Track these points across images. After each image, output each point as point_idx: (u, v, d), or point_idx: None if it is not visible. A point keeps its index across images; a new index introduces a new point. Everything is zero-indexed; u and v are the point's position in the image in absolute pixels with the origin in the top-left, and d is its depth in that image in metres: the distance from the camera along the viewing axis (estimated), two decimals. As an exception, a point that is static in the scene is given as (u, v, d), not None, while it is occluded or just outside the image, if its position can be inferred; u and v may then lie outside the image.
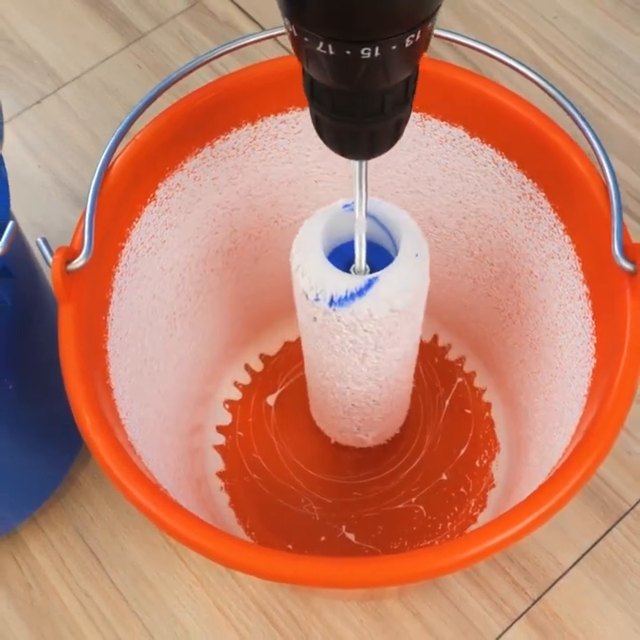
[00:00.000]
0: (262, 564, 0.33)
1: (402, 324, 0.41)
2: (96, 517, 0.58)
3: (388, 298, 0.38)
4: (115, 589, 0.56)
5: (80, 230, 0.37)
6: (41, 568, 0.57)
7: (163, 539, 0.57)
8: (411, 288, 0.39)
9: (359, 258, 0.39)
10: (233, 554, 0.33)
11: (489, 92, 0.43)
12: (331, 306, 0.39)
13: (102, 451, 0.35)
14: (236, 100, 0.43)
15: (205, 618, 0.55)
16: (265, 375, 0.60)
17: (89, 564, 0.57)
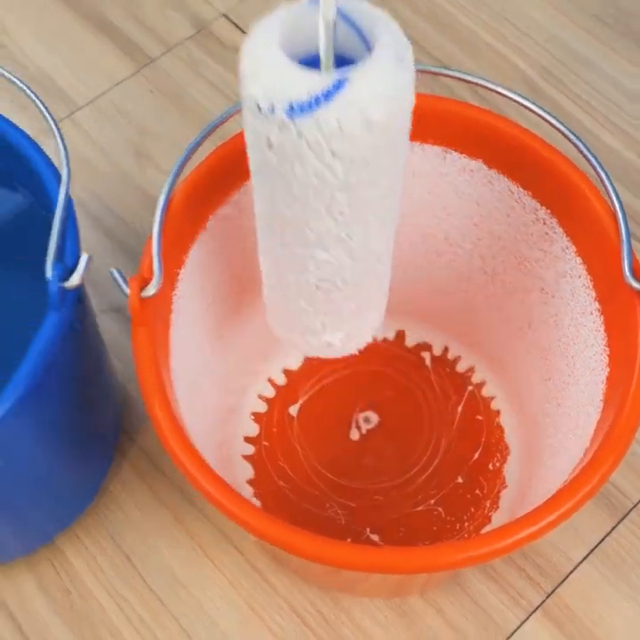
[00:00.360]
0: (327, 550, 0.37)
1: (381, 152, 0.33)
2: (128, 523, 0.62)
3: (362, 105, 0.31)
4: (150, 591, 0.60)
5: (148, 260, 0.41)
6: (78, 573, 0.60)
7: (193, 542, 0.61)
8: (391, 96, 0.31)
9: (325, 53, 0.32)
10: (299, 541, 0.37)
11: (506, 129, 0.47)
12: (290, 116, 0.31)
13: (191, 468, 0.39)
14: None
15: (240, 619, 0.58)
16: (287, 388, 0.64)
17: (124, 568, 0.60)
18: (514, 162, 0.48)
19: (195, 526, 0.61)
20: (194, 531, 0.61)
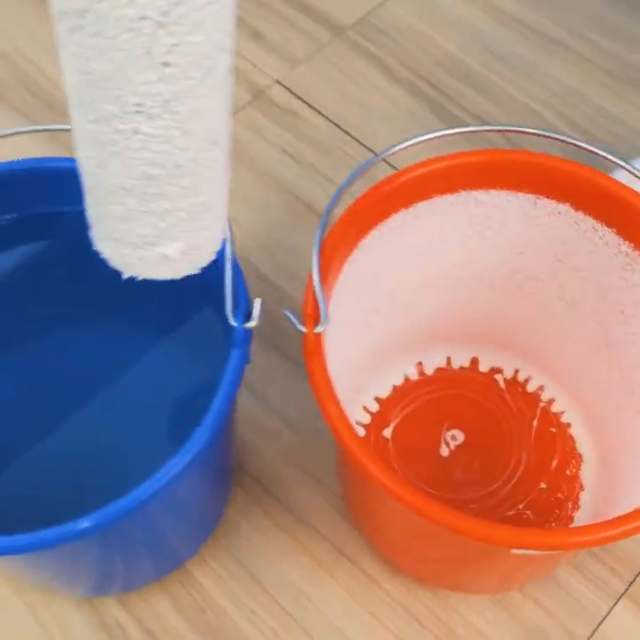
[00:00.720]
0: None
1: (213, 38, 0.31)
2: (250, 546, 0.68)
3: None
4: (279, 607, 0.66)
5: (313, 303, 0.49)
6: (209, 593, 0.67)
7: (312, 559, 0.68)
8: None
9: None
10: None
11: (589, 176, 0.56)
12: None
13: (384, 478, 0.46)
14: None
15: (362, 626, 0.65)
16: (380, 414, 0.72)
17: (252, 587, 0.67)
18: (598, 204, 0.57)
19: (311, 545, 0.68)
20: (311, 549, 0.68)
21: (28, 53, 0.93)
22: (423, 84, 0.91)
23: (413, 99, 0.90)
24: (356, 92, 0.90)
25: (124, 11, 0.29)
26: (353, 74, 0.91)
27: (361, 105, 0.89)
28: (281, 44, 0.94)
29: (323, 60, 0.92)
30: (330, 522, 0.69)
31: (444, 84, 0.90)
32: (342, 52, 0.93)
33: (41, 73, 0.92)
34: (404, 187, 0.55)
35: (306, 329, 0.48)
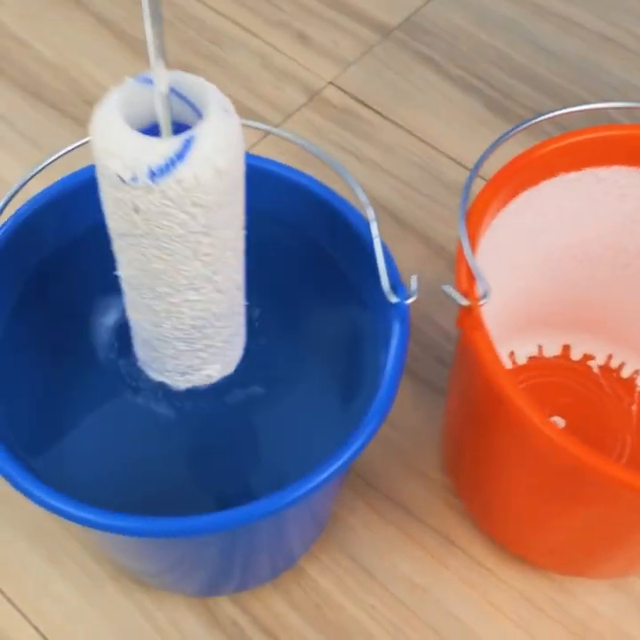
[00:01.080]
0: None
1: (228, 194, 0.39)
2: (360, 541, 0.68)
3: (210, 157, 0.37)
4: (395, 599, 0.66)
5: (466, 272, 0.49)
6: (324, 589, 0.66)
7: (424, 551, 0.67)
8: (230, 144, 0.38)
9: (164, 122, 0.37)
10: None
11: None
12: (153, 179, 0.36)
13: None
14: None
15: (481, 615, 0.65)
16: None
17: (366, 581, 0.66)
18: None
19: (421, 537, 0.68)
20: (421, 541, 0.68)
21: (79, 64, 0.92)
22: (476, 81, 0.92)
23: (468, 95, 0.91)
24: (410, 90, 0.91)
25: (176, 230, 0.38)
26: (406, 73, 0.92)
27: (417, 103, 0.90)
28: (328, 46, 0.95)
29: (373, 60, 0.93)
30: (437, 513, 0.69)
31: (497, 80, 0.92)
32: (393, 52, 0.94)
33: (94, 82, 0.91)
34: (536, 162, 0.55)
35: (469, 302, 0.48)
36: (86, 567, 0.66)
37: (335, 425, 0.58)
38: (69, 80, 0.91)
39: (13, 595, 0.65)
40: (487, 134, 0.88)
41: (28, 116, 0.88)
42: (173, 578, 0.63)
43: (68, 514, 0.44)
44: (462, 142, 0.87)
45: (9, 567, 0.66)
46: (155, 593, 0.65)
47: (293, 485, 0.45)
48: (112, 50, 0.93)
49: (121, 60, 0.92)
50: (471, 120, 0.89)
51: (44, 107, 0.89)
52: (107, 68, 0.91)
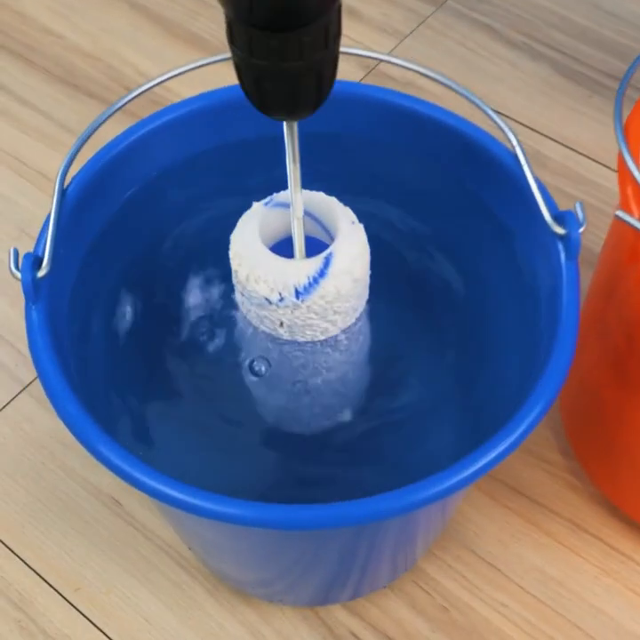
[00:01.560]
0: None
1: (361, 295, 0.43)
2: (480, 533, 0.61)
3: (347, 269, 0.40)
4: (527, 594, 0.59)
5: None
6: (448, 590, 0.59)
7: (551, 539, 0.61)
8: (362, 253, 0.41)
9: (299, 247, 0.40)
10: None
11: None
12: (299, 298, 0.40)
13: None
14: None
15: (628, 605, 0.58)
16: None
17: (492, 576, 0.60)
18: None
19: (547, 524, 0.61)
20: (547, 528, 0.61)
21: (116, 50, 0.87)
22: (542, 47, 0.87)
23: (535, 62, 0.86)
24: (473, 59, 0.86)
25: (317, 337, 0.43)
26: (467, 42, 0.87)
27: (481, 72, 0.85)
28: (380, 20, 0.90)
29: (429, 31, 0.88)
30: (561, 498, 0.62)
31: (563, 44, 0.87)
32: (449, 22, 0.89)
33: (132, 68, 0.86)
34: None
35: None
36: (179, 583, 0.59)
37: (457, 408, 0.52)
38: (106, 67, 0.86)
39: (100, 621, 0.58)
40: (561, 99, 0.82)
41: (65, 107, 0.83)
42: (283, 586, 0.56)
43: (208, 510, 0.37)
44: (535, 109, 0.82)
45: (94, 588, 0.59)
46: (258, 605, 0.58)
47: (457, 466, 0.38)
48: (148, 34, 0.88)
49: (158, 44, 0.87)
50: (543, 86, 0.84)
51: (81, 96, 0.84)
52: (144, 53, 0.86)
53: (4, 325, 0.70)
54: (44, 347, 0.42)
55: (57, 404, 0.40)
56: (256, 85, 0.30)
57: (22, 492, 0.62)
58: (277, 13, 0.27)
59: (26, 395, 0.66)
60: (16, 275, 0.40)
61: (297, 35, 0.28)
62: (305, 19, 0.27)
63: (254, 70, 0.30)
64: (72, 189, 0.46)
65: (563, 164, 0.78)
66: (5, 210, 0.76)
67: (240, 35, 0.29)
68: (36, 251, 0.43)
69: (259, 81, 0.30)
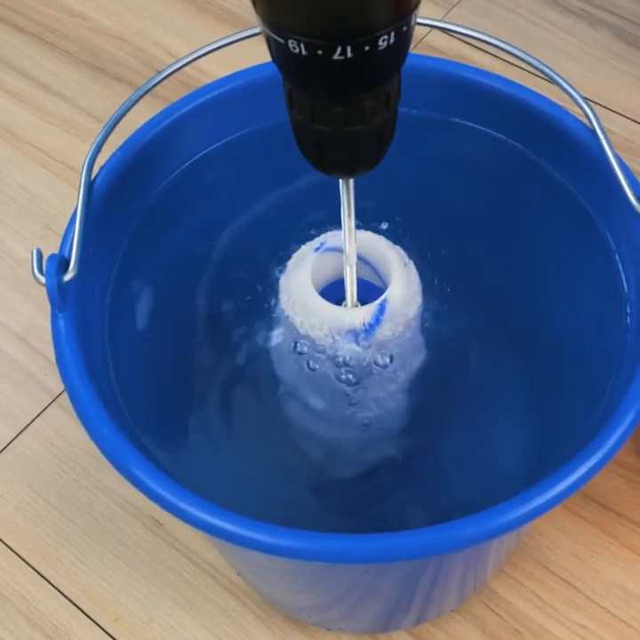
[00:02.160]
0: None
1: (416, 335, 0.44)
2: (553, 547, 0.56)
3: (401, 311, 0.41)
4: (608, 614, 0.54)
5: None
6: (520, 610, 0.54)
7: (633, 554, 0.55)
8: (414, 292, 0.41)
9: (351, 294, 0.40)
10: None
11: None
12: (358, 344, 0.41)
13: None
14: None
15: None
16: None
17: (568, 594, 0.55)
18: None
19: (626, 536, 0.56)
20: (627, 540, 0.56)
21: (143, 31, 0.82)
22: (599, 12, 0.81)
23: (593, 28, 0.80)
24: (527, 28, 0.80)
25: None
26: (519, 10, 0.81)
27: (537, 41, 0.79)
28: (425, -12, 0.83)
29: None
30: (638, 506, 0.57)
31: (621, 7, 0.80)
32: (498, -12, 0.83)
33: (161, 48, 0.81)
34: None
35: None
36: (227, 610, 0.54)
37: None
38: (134, 49, 0.81)
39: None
40: (623, 68, 0.76)
41: (91, 92, 0.78)
42: (341, 612, 0.51)
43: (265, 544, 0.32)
44: (596, 79, 0.76)
45: (135, 618, 0.55)
46: (315, 633, 0.54)
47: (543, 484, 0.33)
48: (177, 12, 0.83)
49: (188, 22, 0.82)
50: (603, 55, 0.77)
51: (108, 80, 0.79)
52: (174, 32, 0.81)
53: (31, 331, 0.66)
54: (72, 360, 0.37)
55: (88, 424, 0.36)
56: (316, 149, 0.30)
57: (55, 514, 0.58)
58: (342, 86, 0.26)
59: (56, 406, 0.62)
60: (40, 279, 0.36)
61: (359, 100, 0.28)
62: (369, 86, 0.27)
63: (315, 136, 0.30)
64: (100, 182, 0.41)
65: (628, 138, 0.72)
66: (30, 205, 0.72)
67: (301, 102, 0.28)
68: (61, 251, 0.38)
69: (320, 145, 0.30)
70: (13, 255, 0.69)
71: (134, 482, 0.34)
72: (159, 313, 0.46)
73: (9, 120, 0.76)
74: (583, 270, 0.45)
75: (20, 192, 0.72)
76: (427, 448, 0.48)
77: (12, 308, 0.66)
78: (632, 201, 0.38)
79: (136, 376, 0.43)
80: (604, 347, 0.41)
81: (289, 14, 0.24)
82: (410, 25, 0.26)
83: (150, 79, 0.41)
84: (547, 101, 0.42)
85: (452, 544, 0.32)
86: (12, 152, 0.74)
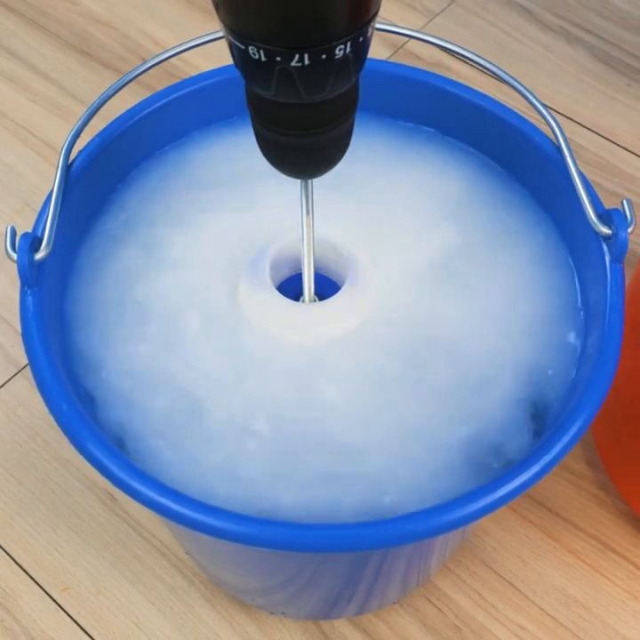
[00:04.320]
0: None
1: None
2: (498, 547, 0.56)
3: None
4: (547, 616, 0.54)
5: None
6: (461, 607, 0.54)
7: (574, 557, 0.56)
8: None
9: (309, 290, 0.39)
10: None
11: None
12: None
13: None
14: None
15: (654, 629, 0.54)
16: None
17: (510, 594, 0.55)
18: None
19: (570, 541, 0.56)
20: (572, 545, 0.56)
21: (131, 19, 0.82)
22: (577, 30, 0.81)
23: (570, 46, 0.80)
24: (505, 41, 0.80)
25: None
26: (499, 23, 0.81)
27: (514, 55, 0.79)
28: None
29: (461, 10, 0.82)
30: (586, 513, 0.57)
31: (602, 29, 0.81)
32: (482, 2, 0.83)
33: (148, 37, 0.80)
34: None
35: None
36: (174, 587, 0.54)
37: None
38: (122, 37, 0.80)
39: (88, 624, 0.54)
40: (597, 86, 0.77)
41: (77, 76, 0.77)
42: (284, 597, 0.51)
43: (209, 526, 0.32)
44: (569, 95, 0.76)
45: (83, 589, 0.55)
46: (258, 615, 0.53)
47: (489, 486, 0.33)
48: (167, 3, 0.83)
49: (177, 14, 0.82)
50: (578, 72, 0.78)
51: (95, 65, 0.78)
52: (162, 23, 0.81)
53: (3, 304, 0.65)
54: (37, 335, 0.37)
55: (48, 399, 0.35)
56: (274, 152, 0.31)
57: (13, 482, 0.58)
58: (300, 92, 0.27)
59: (21, 377, 0.62)
60: (12, 256, 0.36)
61: (317, 106, 0.28)
62: (327, 93, 0.27)
63: (273, 140, 0.30)
64: (76, 166, 0.41)
65: (597, 154, 0.73)
66: (9, 180, 0.71)
67: (260, 106, 0.29)
68: (34, 231, 0.38)
69: (277, 149, 0.31)
70: (-11, 229, 0.69)
71: (87, 457, 0.34)
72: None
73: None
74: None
75: (1, 167, 0.72)
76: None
77: (-18, 280, 0.66)
78: (592, 218, 0.38)
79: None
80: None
81: (250, 24, 0.25)
82: (366, 36, 0.26)
83: (135, 68, 0.40)
84: (514, 114, 0.42)
85: (387, 540, 0.32)
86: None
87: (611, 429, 0.54)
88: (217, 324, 0.40)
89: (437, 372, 0.38)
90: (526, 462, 0.33)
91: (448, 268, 0.41)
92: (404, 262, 0.41)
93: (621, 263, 0.37)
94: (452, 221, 0.42)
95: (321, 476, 0.36)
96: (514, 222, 0.42)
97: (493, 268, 0.41)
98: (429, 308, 0.40)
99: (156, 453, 0.37)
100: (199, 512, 0.32)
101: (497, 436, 0.37)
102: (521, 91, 0.40)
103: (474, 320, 0.39)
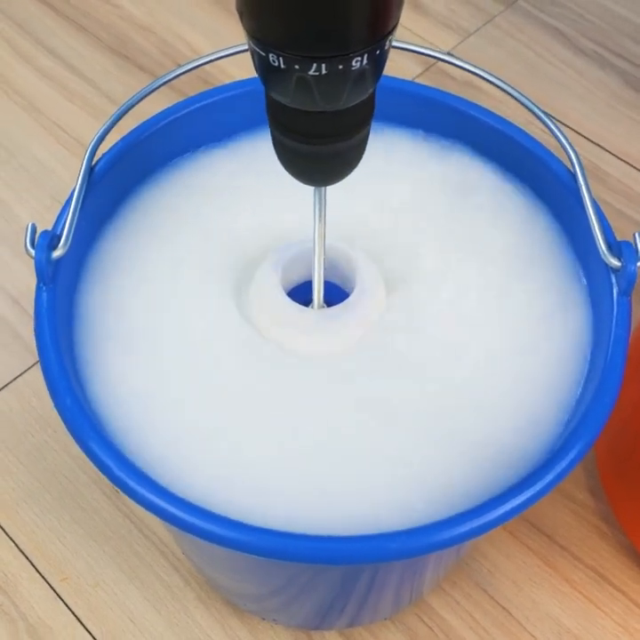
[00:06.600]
0: None
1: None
2: (494, 571, 0.56)
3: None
4: (539, 644, 0.54)
5: None
6: (453, 628, 0.54)
7: (570, 587, 0.55)
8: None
9: (318, 295, 0.39)
10: None
11: None
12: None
13: None
14: None
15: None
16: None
17: (502, 619, 0.54)
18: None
19: (567, 570, 0.55)
20: (568, 575, 0.55)
21: (170, 24, 0.82)
22: (611, 56, 0.80)
23: (604, 71, 0.79)
24: (538, 63, 0.80)
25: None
26: (533, 45, 0.81)
27: (546, 78, 0.78)
28: (446, 15, 0.84)
29: (496, 31, 0.82)
30: (586, 543, 0.56)
31: (634, 54, 0.80)
32: (517, 23, 0.82)
33: (185, 44, 0.81)
34: None
35: None
36: (171, 585, 0.54)
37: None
38: (160, 41, 0.81)
39: (84, 615, 0.54)
40: (628, 113, 0.76)
41: (113, 77, 0.78)
42: (276, 604, 0.51)
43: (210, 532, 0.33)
44: (599, 121, 0.75)
45: (82, 580, 0.55)
46: (250, 620, 0.53)
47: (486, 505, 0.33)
48: (206, 11, 0.83)
49: (215, 22, 0.82)
50: (610, 98, 0.78)
51: (131, 67, 0.79)
52: (200, 30, 0.81)
53: (25, 295, 0.66)
54: (49, 331, 0.38)
55: (54, 393, 0.36)
56: (291, 160, 0.31)
57: (22, 470, 0.58)
58: (317, 101, 0.27)
59: (38, 369, 0.62)
60: (30, 252, 0.36)
61: (334, 116, 0.29)
62: (343, 103, 0.28)
63: (290, 148, 0.31)
64: (99, 169, 0.41)
65: (623, 181, 0.72)
66: (41, 176, 0.72)
67: (278, 115, 0.30)
68: (54, 229, 0.39)
69: (294, 157, 0.31)
70: (19, 221, 0.69)
71: (86, 451, 0.34)
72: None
73: (35, 95, 0.77)
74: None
75: (34, 163, 0.73)
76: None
77: (10, 272, 0.67)
78: (602, 249, 0.38)
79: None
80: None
81: (272, 33, 0.25)
82: (383, 49, 0.26)
83: (163, 75, 0.41)
84: (531, 140, 0.42)
85: (374, 555, 0.33)
86: (32, 125, 0.75)
87: (615, 462, 0.54)
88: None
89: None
90: (516, 488, 0.33)
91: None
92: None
93: (628, 296, 0.37)
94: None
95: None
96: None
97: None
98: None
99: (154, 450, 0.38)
100: (187, 512, 0.32)
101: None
102: (540, 117, 0.40)
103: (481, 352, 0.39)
